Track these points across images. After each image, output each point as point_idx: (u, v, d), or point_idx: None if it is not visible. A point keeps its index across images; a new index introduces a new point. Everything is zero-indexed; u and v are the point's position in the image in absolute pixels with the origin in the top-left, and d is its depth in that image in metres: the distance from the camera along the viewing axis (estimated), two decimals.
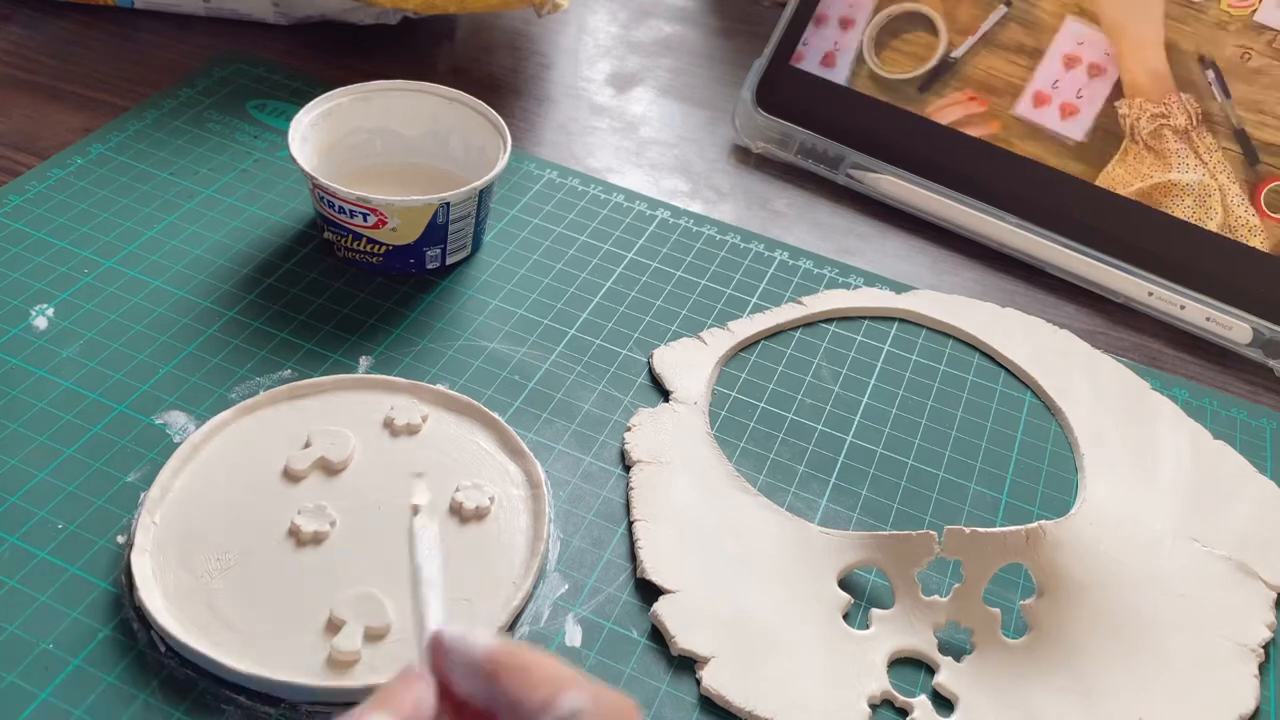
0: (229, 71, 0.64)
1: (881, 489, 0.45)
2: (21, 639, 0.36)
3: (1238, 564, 0.43)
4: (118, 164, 0.56)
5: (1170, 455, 0.47)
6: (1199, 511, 0.45)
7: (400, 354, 0.48)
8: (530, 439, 0.45)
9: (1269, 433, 0.49)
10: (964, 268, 0.58)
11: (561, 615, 0.39)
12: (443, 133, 0.55)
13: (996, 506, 0.45)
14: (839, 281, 0.55)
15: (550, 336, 0.50)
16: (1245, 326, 0.53)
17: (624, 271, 0.54)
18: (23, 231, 0.51)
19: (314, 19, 0.68)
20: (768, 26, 0.66)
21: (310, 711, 0.35)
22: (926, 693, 0.38)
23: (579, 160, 0.62)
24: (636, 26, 0.76)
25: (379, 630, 0.37)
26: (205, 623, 0.36)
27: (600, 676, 0.37)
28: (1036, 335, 0.53)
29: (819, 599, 0.40)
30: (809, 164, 0.62)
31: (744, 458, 0.46)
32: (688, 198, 0.60)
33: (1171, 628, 0.40)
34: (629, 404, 0.47)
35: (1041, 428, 0.49)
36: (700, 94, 0.69)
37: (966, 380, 0.50)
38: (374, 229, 0.49)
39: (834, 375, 0.50)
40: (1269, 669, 0.40)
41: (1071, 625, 0.40)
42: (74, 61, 0.64)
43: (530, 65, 0.70)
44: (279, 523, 0.40)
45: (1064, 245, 0.57)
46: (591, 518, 0.42)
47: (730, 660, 0.37)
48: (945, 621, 0.39)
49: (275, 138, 0.59)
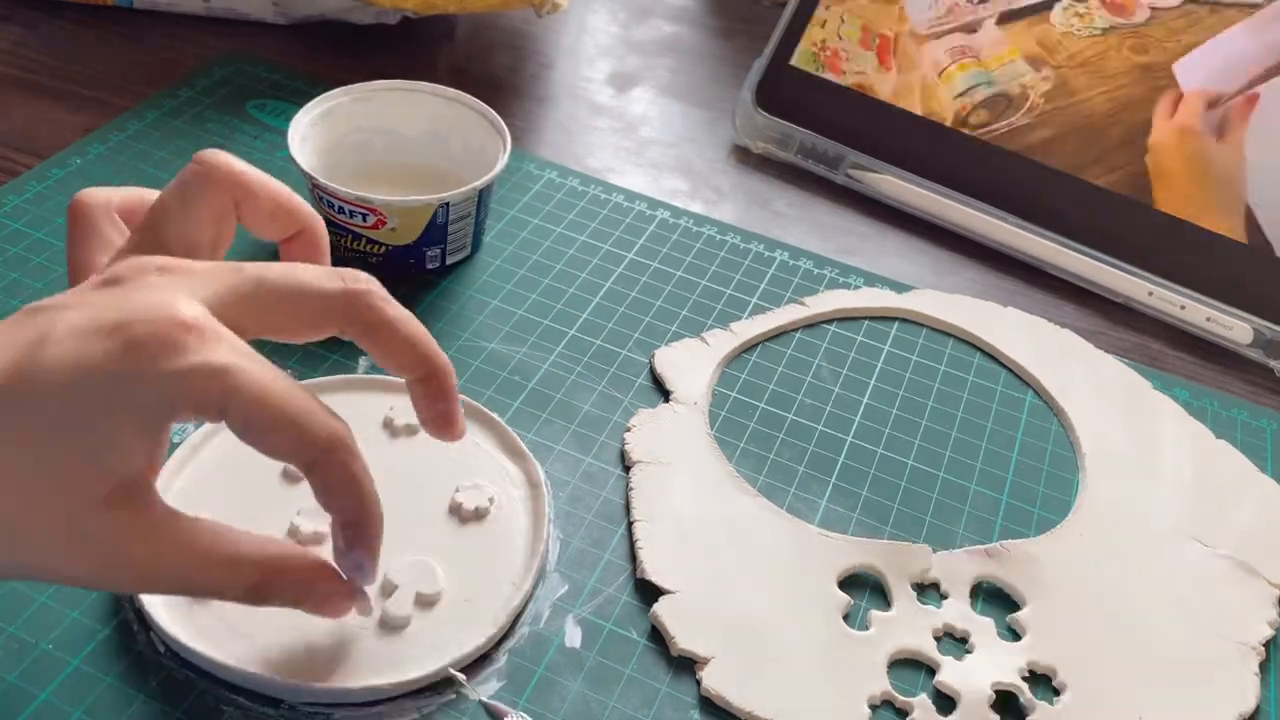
0: (229, 71, 0.64)
1: (881, 489, 0.45)
2: (21, 639, 0.36)
3: (1239, 563, 0.43)
4: (118, 164, 0.56)
5: (1172, 455, 0.47)
6: (1201, 511, 0.45)
7: None
8: (530, 439, 0.45)
9: (1269, 433, 0.49)
10: (964, 268, 0.58)
11: (561, 616, 0.39)
12: (443, 133, 0.55)
13: (997, 507, 0.45)
14: (839, 281, 0.55)
15: (550, 337, 0.50)
16: (1246, 326, 0.53)
17: (624, 272, 0.54)
18: (23, 232, 0.51)
19: (314, 19, 0.68)
20: (768, 26, 0.66)
21: (310, 712, 0.35)
22: (927, 692, 0.38)
23: (579, 160, 0.62)
24: (636, 26, 0.76)
25: (430, 597, 0.37)
26: (205, 623, 0.36)
27: (600, 677, 0.37)
28: (1038, 335, 0.53)
29: (819, 600, 0.40)
30: (809, 164, 0.62)
31: (744, 458, 0.45)
32: (688, 198, 0.60)
33: (1172, 627, 0.40)
34: (629, 404, 0.47)
35: (1042, 428, 0.49)
36: (700, 94, 0.69)
37: (967, 380, 0.50)
38: (373, 229, 0.49)
39: (834, 375, 0.50)
40: (1270, 668, 0.40)
41: (1066, 630, 0.40)
42: (74, 61, 0.64)
43: (530, 65, 0.70)
44: (279, 523, 0.39)
45: (1064, 245, 0.57)
46: (591, 518, 0.42)
47: (730, 661, 0.37)
48: (943, 626, 0.39)
49: (275, 138, 0.59)
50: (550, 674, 0.37)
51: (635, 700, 0.37)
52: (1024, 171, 0.58)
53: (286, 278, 0.31)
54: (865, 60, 0.62)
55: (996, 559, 0.42)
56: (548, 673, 0.37)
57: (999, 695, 0.38)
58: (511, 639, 0.38)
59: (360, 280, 0.32)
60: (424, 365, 0.33)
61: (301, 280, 0.31)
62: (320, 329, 0.32)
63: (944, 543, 0.43)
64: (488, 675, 0.37)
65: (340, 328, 0.32)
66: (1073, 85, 0.58)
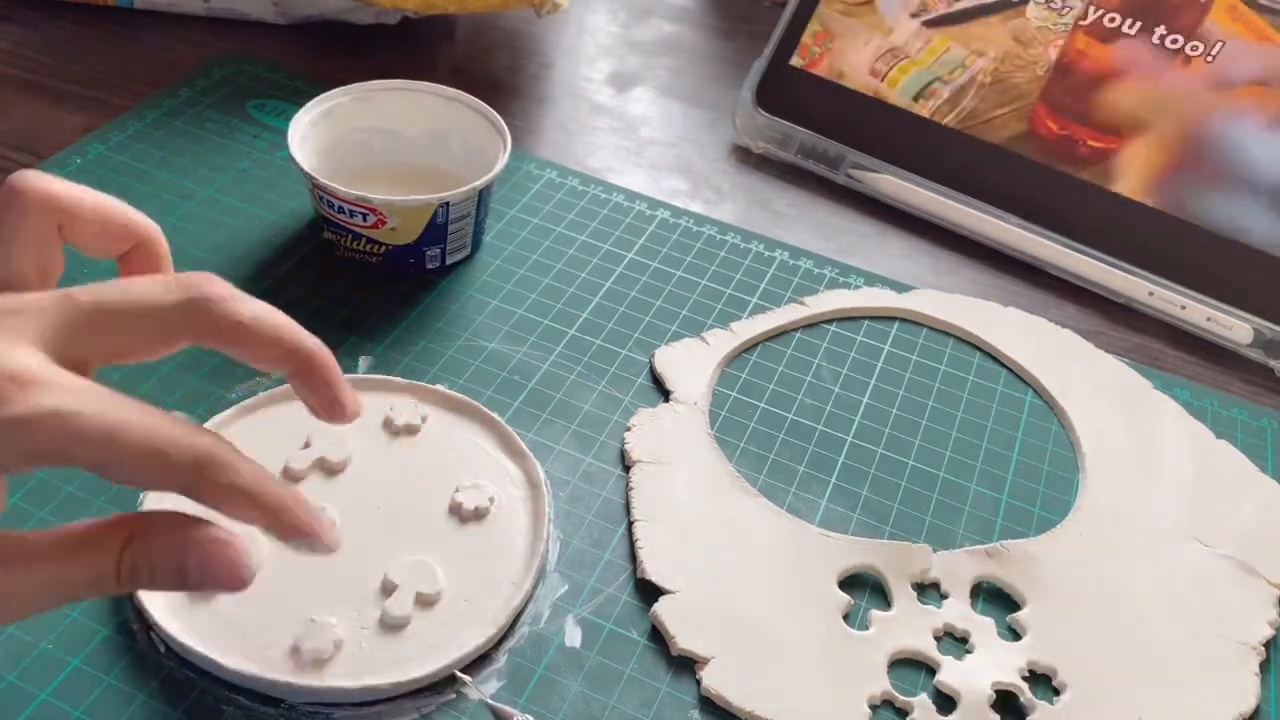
0: (229, 71, 0.64)
1: (882, 489, 0.45)
2: (21, 639, 0.36)
3: (1240, 563, 0.43)
4: (117, 164, 0.56)
5: (1172, 455, 0.47)
6: (1201, 511, 0.45)
7: (400, 354, 0.48)
8: (530, 439, 0.45)
9: (1269, 433, 0.49)
10: (964, 268, 0.58)
11: (561, 615, 0.39)
12: (442, 133, 0.55)
13: (997, 507, 0.45)
14: (839, 281, 0.55)
15: (550, 336, 0.50)
16: (1246, 326, 0.53)
17: (624, 271, 0.54)
18: None
19: (314, 19, 0.68)
20: (768, 26, 0.66)
21: (310, 712, 0.35)
22: (927, 692, 0.38)
23: (579, 160, 0.62)
24: (636, 26, 0.76)
25: (430, 597, 0.37)
26: (205, 623, 0.36)
27: (600, 677, 0.37)
28: (1038, 335, 0.53)
29: (819, 599, 0.40)
30: (809, 164, 0.62)
31: (744, 458, 0.45)
32: (688, 198, 0.60)
33: (1172, 627, 0.40)
34: (629, 404, 0.47)
35: (1042, 427, 0.49)
36: (700, 94, 0.69)
37: (967, 380, 0.50)
38: (373, 229, 0.49)
39: (834, 375, 0.50)
40: (1270, 668, 0.40)
41: (1066, 630, 0.40)
42: (74, 61, 0.64)
43: (530, 65, 0.70)
44: None
45: (1064, 245, 0.57)
46: (591, 518, 0.42)
47: (730, 660, 0.37)
48: (943, 626, 0.39)
49: (275, 138, 0.59)
50: (550, 674, 0.37)
51: (635, 700, 0.37)
52: (1024, 171, 0.58)
53: (124, 299, 0.28)
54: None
55: (996, 559, 0.42)
56: (548, 672, 0.37)
57: (999, 695, 0.38)
58: (511, 639, 0.38)
59: (202, 285, 0.29)
60: (293, 358, 0.30)
61: (139, 299, 0.29)
62: (170, 345, 0.29)
63: (944, 543, 0.43)
64: (488, 675, 0.37)
65: (192, 340, 0.29)
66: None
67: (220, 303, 0.29)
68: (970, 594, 0.41)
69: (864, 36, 0.62)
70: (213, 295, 0.29)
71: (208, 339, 0.29)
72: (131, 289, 0.29)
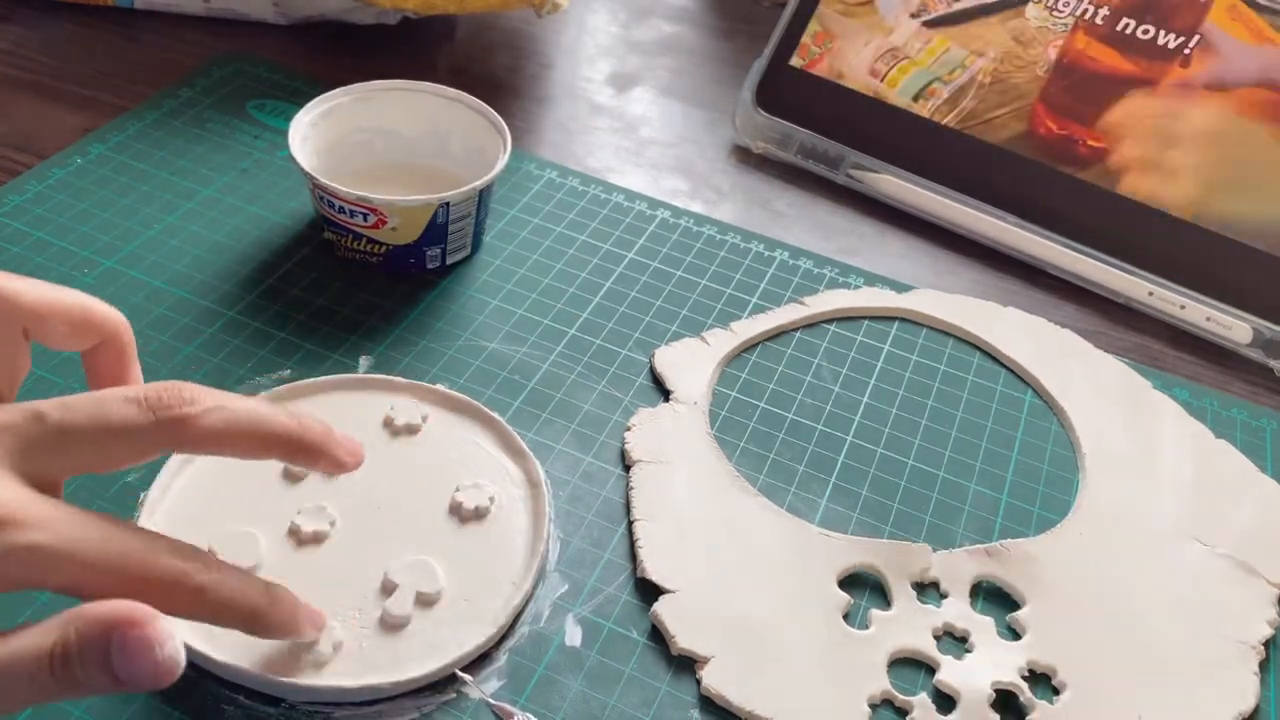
0: (229, 71, 0.64)
1: (881, 489, 0.45)
2: None
3: (1239, 563, 0.43)
4: (117, 164, 0.56)
5: (1172, 454, 0.47)
6: (1201, 511, 0.45)
7: (400, 354, 0.48)
8: (530, 439, 0.45)
9: (1269, 433, 0.49)
10: (964, 268, 0.58)
11: (561, 615, 0.39)
12: (442, 133, 0.55)
13: (997, 506, 0.45)
14: (839, 281, 0.55)
15: (550, 336, 0.50)
16: (1245, 326, 0.53)
17: (624, 271, 0.54)
18: (23, 231, 0.51)
19: (314, 19, 0.68)
20: (768, 26, 0.66)
21: (310, 711, 0.35)
22: (927, 692, 0.38)
23: (579, 160, 0.62)
24: (636, 26, 0.76)
25: (430, 596, 0.37)
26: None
27: (600, 676, 0.37)
28: (1038, 335, 0.53)
29: (819, 599, 0.40)
30: (809, 164, 0.62)
31: (744, 457, 0.46)
32: (688, 198, 0.60)
33: (1172, 626, 0.40)
34: (629, 404, 0.47)
35: (1042, 427, 0.49)
36: (700, 94, 0.69)
37: (967, 380, 0.50)
38: (374, 229, 0.49)
39: (834, 375, 0.50)
40: (1269, 667, 0.40)
41: (1065, 629, 0.40)
42: (74, 61, 0.64)
43: (530, 65, 0.70)
44: (279, 523, 0.39)
45: (1064, 245, 0.57)
46: (591, 518, 0.42)
47: (730, 660, 0.37)
48: (942, 625, 0.39)
49: (275, 138, 0.59)
50: (550, 673, 0.37)
51: (635, 699, 0.37)
52: (1024, 171, 0.58)
53: (92, 421, 0.29)
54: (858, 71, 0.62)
55: (996, 558, 0.42)
56: (548, 672, 0.37)
57: (999, 694, 0.38)
58: (512, 638, 0.38)
59: (172, 405, 0.29)
60: (276, 446, 0.31)
61: (110, 421, 0.29)
62: (143, 459, 0.30)
63: (944, 542, 0.43)
64: (488, 674, 0.37)
65: (166, 453, 0.30)
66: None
67: (192, 421, 0.30)
68: (970, 593, 0.41)
69: (864, 37, 0.62)
70: (184, 416, 0.29)
71: (186, 450, 0.30)
72: (100, 409, 0.29)
